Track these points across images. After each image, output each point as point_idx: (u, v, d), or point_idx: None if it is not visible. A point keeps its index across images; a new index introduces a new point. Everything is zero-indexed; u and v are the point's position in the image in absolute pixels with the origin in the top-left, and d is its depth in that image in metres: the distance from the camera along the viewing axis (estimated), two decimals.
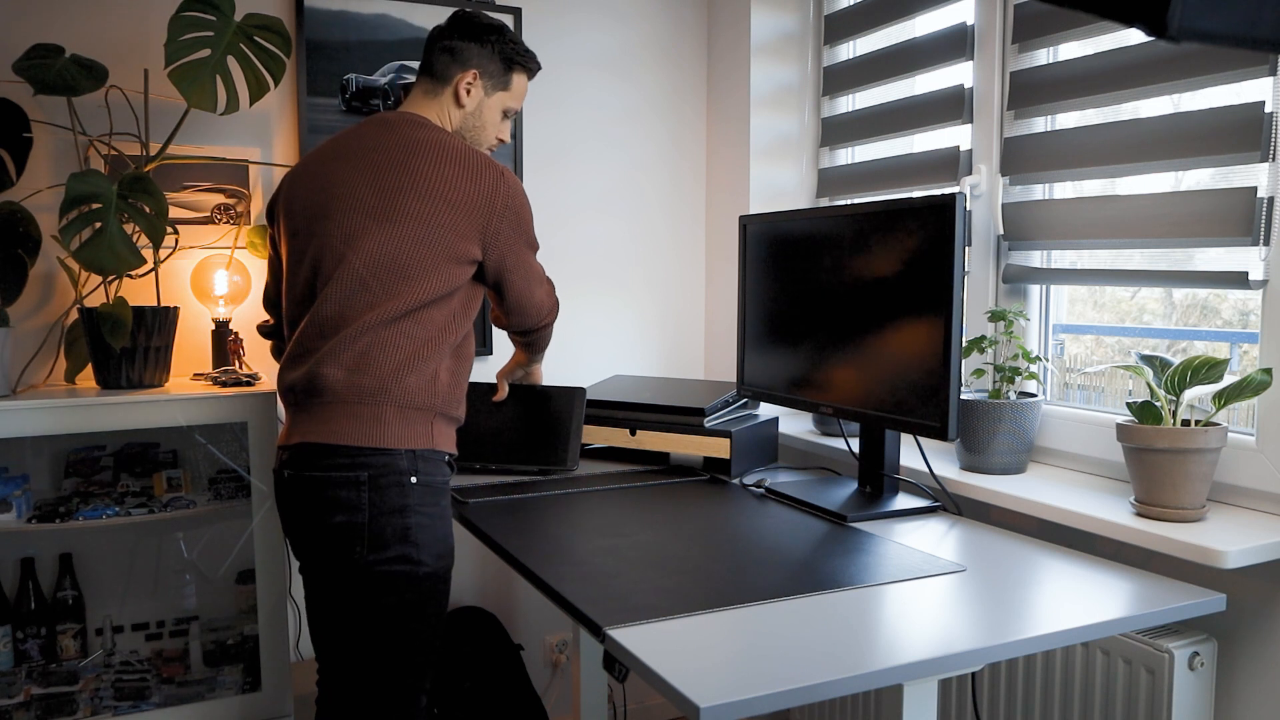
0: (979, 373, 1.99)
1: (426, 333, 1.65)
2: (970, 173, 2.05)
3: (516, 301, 1.80)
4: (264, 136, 2.33)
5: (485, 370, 2.59)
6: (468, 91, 1.79)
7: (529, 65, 1.86)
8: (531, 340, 2.00)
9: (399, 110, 1.77)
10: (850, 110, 2.50)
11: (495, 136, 1.87)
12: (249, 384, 2.14)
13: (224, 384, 2.13)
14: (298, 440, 1.63)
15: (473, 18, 1.80)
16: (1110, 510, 1.57)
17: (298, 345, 1.68)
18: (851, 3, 2.44)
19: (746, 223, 2.11)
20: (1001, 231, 1.98)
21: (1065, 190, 1.95)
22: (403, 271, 1.64)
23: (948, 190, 2.09)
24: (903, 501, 1.80)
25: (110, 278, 2.06)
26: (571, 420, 2.16)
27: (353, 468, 1.59)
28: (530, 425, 2.17)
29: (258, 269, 2.33)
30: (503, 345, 2.63)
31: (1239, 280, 1.54)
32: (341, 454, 1.59)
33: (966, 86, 2.05)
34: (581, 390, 2.19)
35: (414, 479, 1.61)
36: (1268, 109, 1.49)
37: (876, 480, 1.87)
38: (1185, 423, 1.52)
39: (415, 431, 1.63)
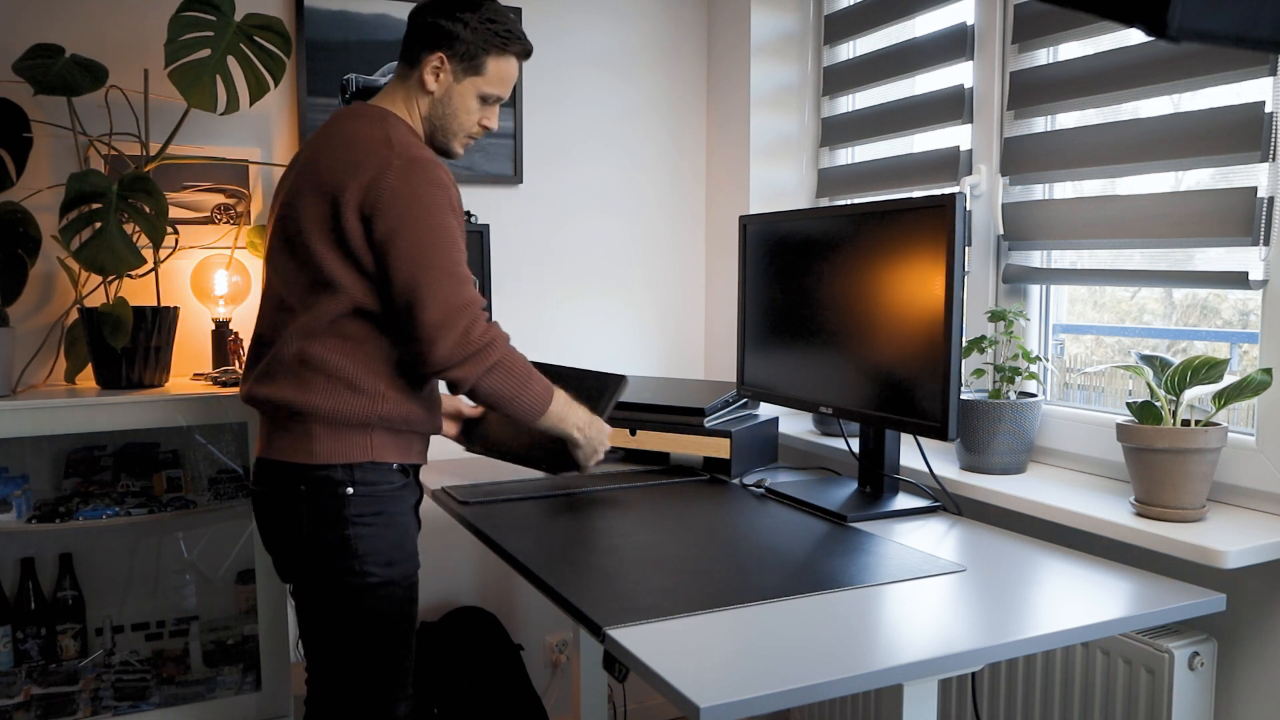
0: (979, 373, 1.99)
1: (358, 346, 1.57)
2: (970, 173, 2.05)
3: (404, 297, 1.51)
4: (264, 136, 2.33)
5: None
6: (435, 76, 1.65)
7: (508, 47, 1.68)
8: (459, 383, 1.57)
9: (365, 101, 1.70)
10: (850, 110, 2.50)
11: (477, 124, 1.71)
12: None
13: (224, 384, 2.13)
14: (256, 455, 1.67)
15: None
16: (1110, 510, 1.57)
17: (247, 358, 1.70)
18: (851, 3, 2.44)
19: (746, 223, 2.11)
20: (1001, 231, 1.98)
21: (1065, 190, 1.95)
22: (310, 284, 1.56)
23: (948, 190, 2.09)
24: (903, 501, 1.80)
25: (110, 278, 2.06)
26: (599, 411, 1.88)
27: (290, 483, 1.58)
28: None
29: (258, 269, 2.33)
30: None
31: (1239, 280, 1.54)
32: (280, 470, 1.59)
33: (966, 86, 2.05)
34: (619, 378, 1.94)
35: (350, 489, 1.57)
36: (1268, 109, 1.49)
37: (876, 480, 1.87)
38: (1185, 423, 1.52)
39: (349, 447, 1.57)
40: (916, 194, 2.10)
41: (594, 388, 1.94)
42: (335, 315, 1.55)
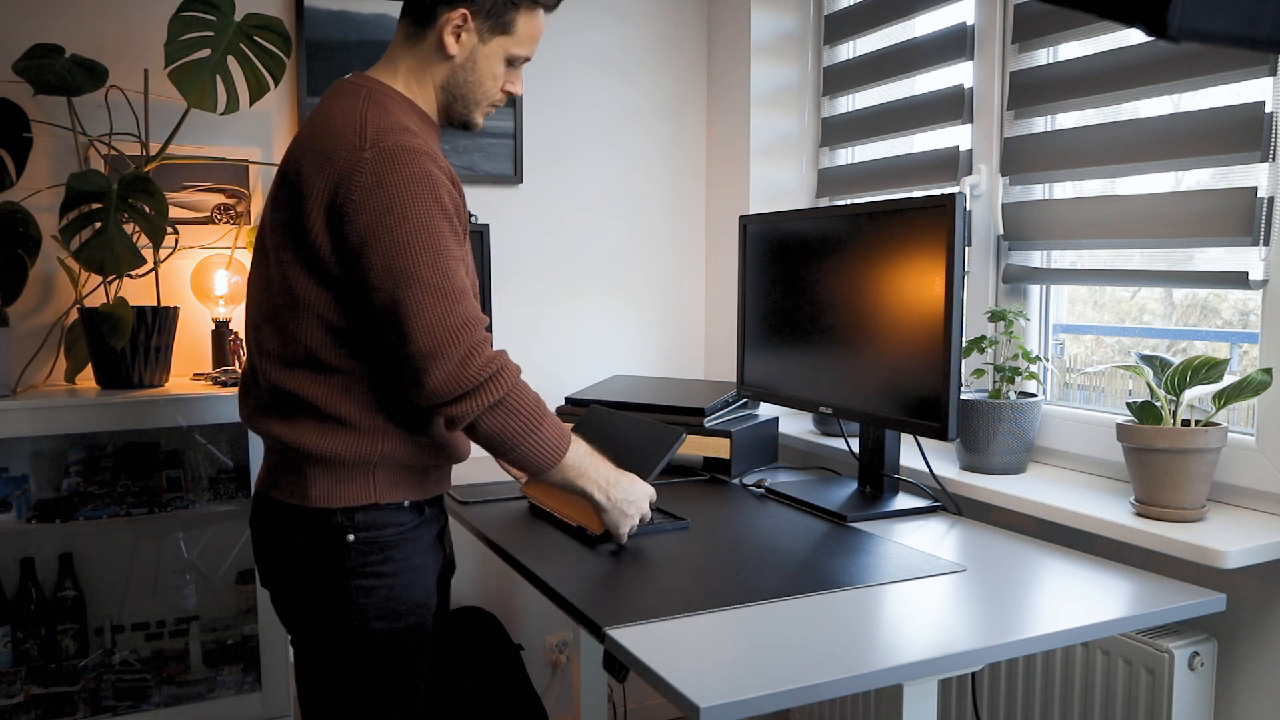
0: (979, 373, 1.99)
1: (340, 378, 1.36)
2: (970, 173, 2.05)
3: (386, 319, 1.30)
4: (264, 136, 2.33)
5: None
6: (456, 36, 1.42)
7: (539, 0, 1.45)
8: (455, 420, 1.34)
9: (357, 71, 1.46)
10: (850, 110, 2.50)
11: (500, 90, 1.49)
12: None
13: (224, 384, 2.13)
14: (255, 488, 1.50)
15: None
16: (1110, 510, 1.57)
17: (243, 373, 1.51)
18: (851, 3, 2.44)
19: (746, 223, 2.11)
20: (1001, 231, 1.98)
21: (1065, 190, 1.94)
22: (276, 302, 1.36)
23: (948, 190, 2.09)
24: (903, 501, 1.80)
25: (110, 278, 2.06)
26: (647, 470, 1.67)
27: (287, 526, 1.41)
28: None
29: None
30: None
31: (1239, 280, 1.54)
32: (276, 510, 1.42)
33: (966, 86, 2.05)
34: (676, 434, 1.73)
35: (351, 536, 1.37)
36: (1268, 109, 1.49)
37: (876, 480, 1.87)
38: (1185, 423, 1.52)
39: (347, 489, 1.38)
40: (916, 194, 2.10)
41: (649, 442, 1.72)
42: (306, 342, 1.34)
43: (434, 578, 1.49)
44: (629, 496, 1.52)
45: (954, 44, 2.07)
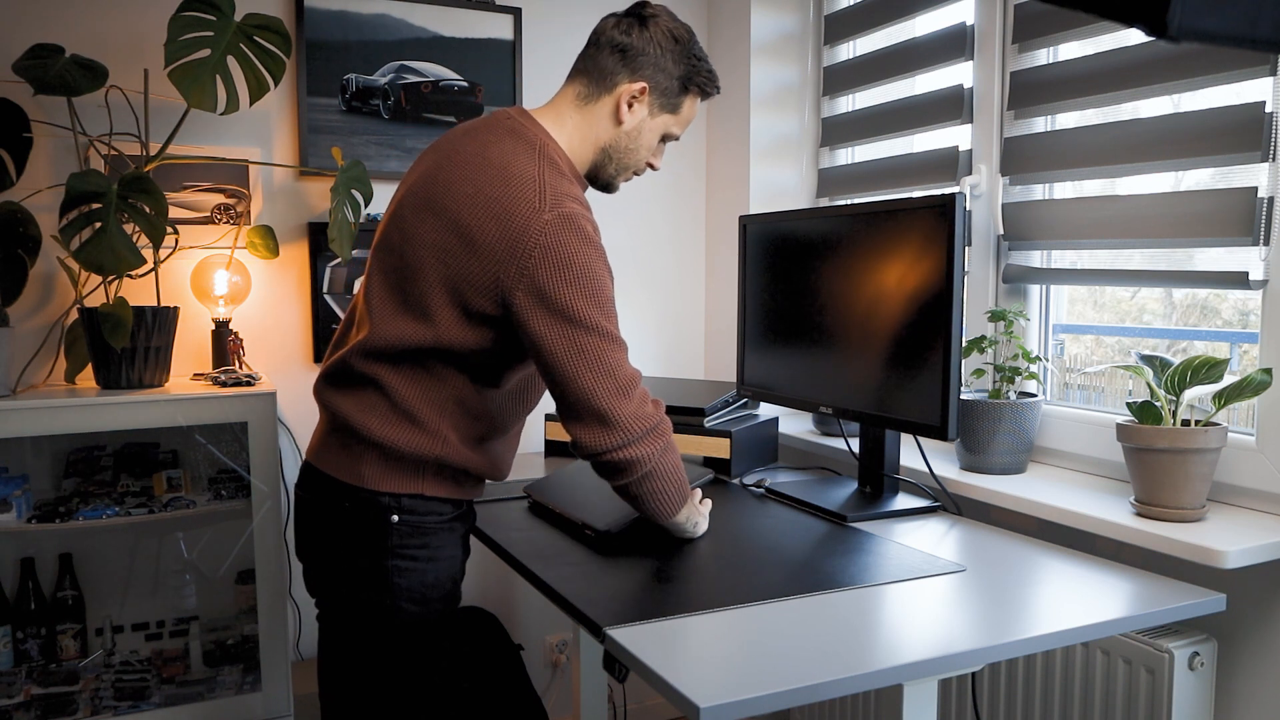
0: (979, 373, 1.99)
1: (433, 381, 1.44)
2: (970, 173, 2.05)
3: (561, 392, 1.39)
4: (264, 136, 2.33)
5: None
6: (630, 107, 1.51)
7: (707, 89, 1.56)
8: (613, 477, 1.44)
9: (522, 109, 1.52)
10: (850, 110, 2.50)
11: (647, 162, 1.58)
12: (249, 384, 2.14)
13: (224, 384, 2.13)
14: (305, 456, 1.58)
15: (656, 16, 1.51)
16: (1110, 510, 1.57)
17: (334, 339, 1.61)
18: (851, 3, 2.44)
19: (746, 223, 2.11)
20: (1001, 231, 1.98)
21: (1065, 190, 1.95)
22: (403, 303, 1.43)
23: (948, 190, 2.09)
24: (903, 501, 1.80)
25: (110, 278, 2.06)
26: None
27: (334, 499, 1.49)
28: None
29: (258, 269, 2.33)
30: None
31: (1239, 280, 1.54)
32: (325, 483, 1.50)
33: (966, 86, 2.05)
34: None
35: (395, 517, 1.46)
36: (1268, 109, 1.49)
37: (876, 480, 1.87)
38: (1185, 423, 1.52)
39: (398, 479, 1.46)
40: (916, 194, 2.10)
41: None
42: (417, 345, 1.42)
43: (461, 570, 1.57)
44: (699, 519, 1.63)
45: (954, 44, 2.07)
